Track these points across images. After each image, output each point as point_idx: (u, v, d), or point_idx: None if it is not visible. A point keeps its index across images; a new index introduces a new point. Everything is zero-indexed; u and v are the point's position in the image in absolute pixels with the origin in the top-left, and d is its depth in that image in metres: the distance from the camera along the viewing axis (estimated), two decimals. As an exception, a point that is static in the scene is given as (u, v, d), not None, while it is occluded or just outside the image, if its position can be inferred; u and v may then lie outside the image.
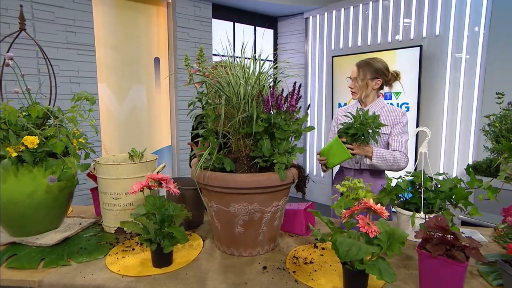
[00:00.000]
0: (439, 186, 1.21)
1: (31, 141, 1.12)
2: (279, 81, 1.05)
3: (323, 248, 1.17)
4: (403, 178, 1.30)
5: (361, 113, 1.40)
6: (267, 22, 4.64)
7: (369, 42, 3.84)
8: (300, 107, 1.04)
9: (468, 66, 3.11)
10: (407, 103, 3.46)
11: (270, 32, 4.74)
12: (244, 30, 4.41)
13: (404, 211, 1.22)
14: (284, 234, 1.29)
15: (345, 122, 1.48)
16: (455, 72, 3.20)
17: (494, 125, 1.12)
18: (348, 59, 3.91)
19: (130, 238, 1.25)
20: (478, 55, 3.02)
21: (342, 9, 4.05)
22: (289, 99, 1.00)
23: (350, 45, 4.04)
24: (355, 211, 0.89)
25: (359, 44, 3.94)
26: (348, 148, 1.45)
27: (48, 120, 1.28)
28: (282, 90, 1.01)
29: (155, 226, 1.00)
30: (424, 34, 3.37)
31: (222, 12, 4.15)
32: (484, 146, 1.23)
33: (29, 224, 1.23)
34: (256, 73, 1.06)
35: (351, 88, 1.74)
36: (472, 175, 1.11)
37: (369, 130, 1.37)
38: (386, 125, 1.53)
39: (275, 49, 4.38)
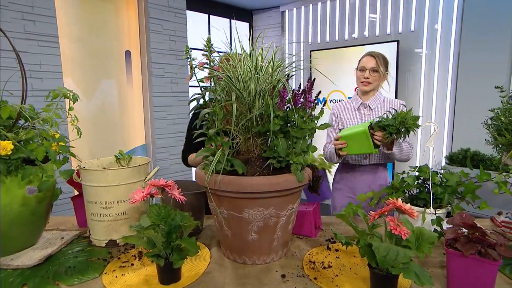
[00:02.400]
0: (445, 180, 1.22)
1: (4, 146, 0.95)
2: (292, 75, 0.98)
3: (336, 250, 1.12)
4: (408, 174, 1.29)
5: (403, 110, 1.39)
6: (242, 15, 4.52)
7: (346, 37, 3.87)
8: (317, 103, 0.97)
9: (441, 61, 3.24)
10: (384, 97, 3.55)
11: (245, 26, 4.63)
12: (220, 23, 4.26)
13: (413, 207, 1.21)
14: (293, 237, 1.23)
15: (382, 117, 1.38)
16: (429, 67, 3.32)
17: (498, 118, 1.13)
18: (326, 54, 3.92)
19: (125, 252, 1.12)
20: (451, 50, 3.16)
21: (319, 3, 4.05)
22: (307, 94, 0.93)
23: (327, 39, 4.05)
24: (385, 213, 0.84)
25: (337, 38, 3.96)
26: (375, 142, 1.39)
27: (18, 122, 1.10)
28: (300, 84, 0.94)
29: (162, 239, 0.89)
30: (400, 30, 3.46)
31: (196, 4, 3.97)
32: (486, 140, 1.24)
33: (2, 242, 1.05)
34: (267, 67, 0.98)
35: (367, 78, 1.70)
36: (481, 168, 1.12)
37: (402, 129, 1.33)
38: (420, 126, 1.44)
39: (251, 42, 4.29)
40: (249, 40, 0.99)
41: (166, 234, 0.90)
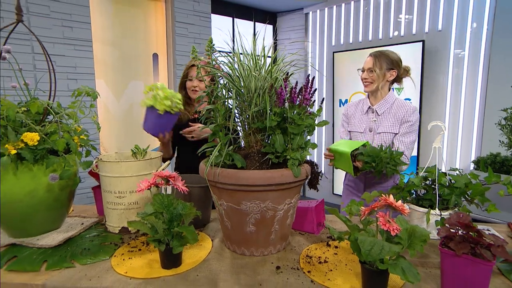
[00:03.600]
0: (453, 182, 1.18)
1: (31, 137, 1.07)
2: (291, 73, 1.01)
3: (336, 247, 1.13)
4: (416, 174, 1.26)
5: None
6: (267, 18, 4.58)
7: (370, 38, 3.80)
8: (314, 101, 0.99)
9: (471, 61, 3.09)
10: (409, 99, 3.44)
11: (269, 28, 4.69)
12: (244, 26, 4.35)
13: (418, 208, 1.19)
14: (295, 232, 1.26)
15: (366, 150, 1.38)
16: (457, 68, 3.18)
17: (512, 119, 1.09)
18: (349, 55, 3.87)
19: (135, 238, 1.21)
20: (481, 51, 3.00)
21: (343, 4, 4.01)
22: (303, 92, 0.96)
23: (351, 40, 4.00)
24: (375, 208, 0.85)
25: (360, 39, 3.90)
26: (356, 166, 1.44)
27: (48, 117, 1.22)
28: (296, 82, 0.97)
29: (164, 226, 0.95)
30: (427, 29, 3.34)
31: (221, 7, 4.09)
32: (500, 141, 1.19)
33: (29, 224, 1.18)
34: (268, 65, 1.02)
35: (365, 79, 1.69)
36: (490, 170, 1.08)
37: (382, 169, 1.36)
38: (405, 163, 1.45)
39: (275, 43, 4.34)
40: (273, 41, 1.04)
41: (168, 222, 0.97)
